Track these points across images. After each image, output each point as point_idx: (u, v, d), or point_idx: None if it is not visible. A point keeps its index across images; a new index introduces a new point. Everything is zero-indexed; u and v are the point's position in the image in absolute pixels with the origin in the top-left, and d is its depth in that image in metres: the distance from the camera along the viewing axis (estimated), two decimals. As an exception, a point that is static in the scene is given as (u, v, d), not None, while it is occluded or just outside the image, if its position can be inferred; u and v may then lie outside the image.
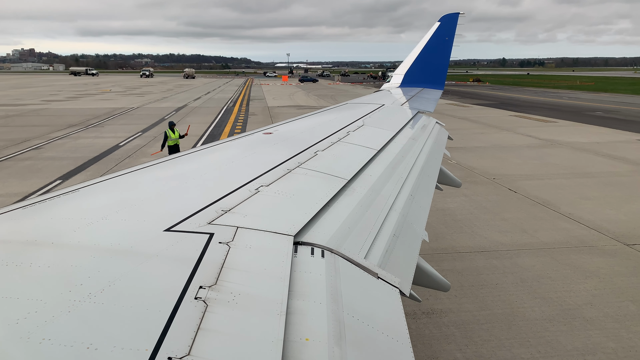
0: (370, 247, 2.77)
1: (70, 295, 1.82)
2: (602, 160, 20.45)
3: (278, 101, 53.66)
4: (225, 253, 2.23)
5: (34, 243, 2.31)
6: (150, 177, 3.70)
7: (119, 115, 38.79)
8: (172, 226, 2.50)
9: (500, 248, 10.95)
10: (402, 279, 2.54)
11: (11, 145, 24.07)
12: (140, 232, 2.46)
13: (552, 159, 20.79)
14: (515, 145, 24.40)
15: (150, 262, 2.11)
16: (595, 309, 8.24)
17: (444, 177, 6.51)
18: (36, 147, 23.51)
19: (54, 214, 2.78)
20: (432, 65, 14.30)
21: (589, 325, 7.74)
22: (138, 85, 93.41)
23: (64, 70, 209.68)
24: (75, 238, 2.36)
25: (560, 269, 9.80)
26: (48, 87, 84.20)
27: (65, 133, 28.41)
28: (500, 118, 36.80)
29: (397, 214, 3.44)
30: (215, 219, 2.64)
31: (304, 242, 2.53)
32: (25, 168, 18.94)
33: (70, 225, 2.53)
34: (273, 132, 5.74)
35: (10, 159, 20.65)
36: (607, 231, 11.94)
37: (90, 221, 2.57)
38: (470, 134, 28.32)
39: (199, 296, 1.84)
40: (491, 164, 19.93)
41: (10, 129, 30.25)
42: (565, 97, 61.96)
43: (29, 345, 1.53)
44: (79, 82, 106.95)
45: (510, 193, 15.52)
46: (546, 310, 8.21)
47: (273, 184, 3.39)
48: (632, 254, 10.52)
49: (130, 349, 1.52)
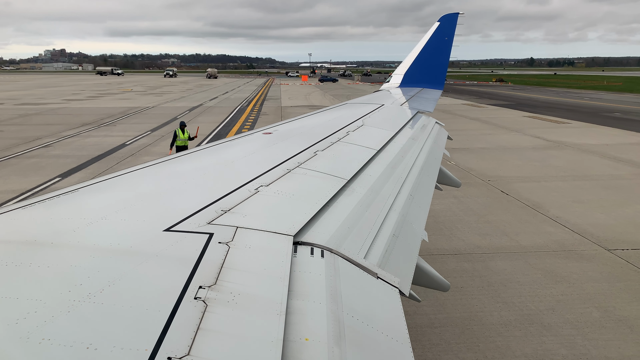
0: (370, 247, 2.78)
1: (70, 295, 1.81)
2: (606, 163, 20.03)
3: (293, 101, 53.78)
4: (224, 253, 2.23)
5: (33, 243, 2.31)
6: (149, 177, 3.71)
7: (133, 114, 39.17)
8: (171, 226, 2.51)
9: (475, 251, 10.80)
10: (401, 278, 2.54)
11: (22, 143, 24.49)
12: (140, 232, 2.47)
13: (554, 161, 20.45)
14: (520, 146, 24.05)
15: (150, 262, 2.11)
16: (556, 314, 8.07)
17: (444, 177, 6.52)
18: (45, 145, 23.89)
19: (54, 214, 2.78)
20: (432, 65, 14.24)
21: (545, 331, 7.59)
22: (160, 85, 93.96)
23: (92, 70, 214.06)
24: (75, 238, 2.36)
25: (531, 274, 9.62)
26: (72, 87, 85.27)
27: (78, 132, 28.79)
28: (512, 119, 36.26)
29: (396, 213, 3.45)
30: (215, 218, 2.64)
31: (304, 242, 2.54)
32: (29, 166, 19.22)
33: (69, 225, 2.53)
34: (273, 132, 5.75)
35: (18, 157, 20.99)
36: (591, 235, 11.67)
37: (90, 221, 2.57)
38: (478, 134, 28.08)
39: (199, 296, 1.84)
40: (490, 165, 19.68)
41: (26, 127, 30.82)
42: (587, 97, 60.73)
43: (29, 345, 1.53)
44: (103, 82, 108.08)
45: (502, 195, 15.30)
46: (505, 314, 8.08)
47: (273, 184, 3.39)
48: (610, 260, 10.26)
49: (130, 349, 1.52)
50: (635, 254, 10.51)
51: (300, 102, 52.79)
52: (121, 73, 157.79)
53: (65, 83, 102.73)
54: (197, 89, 77.97)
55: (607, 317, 7.95)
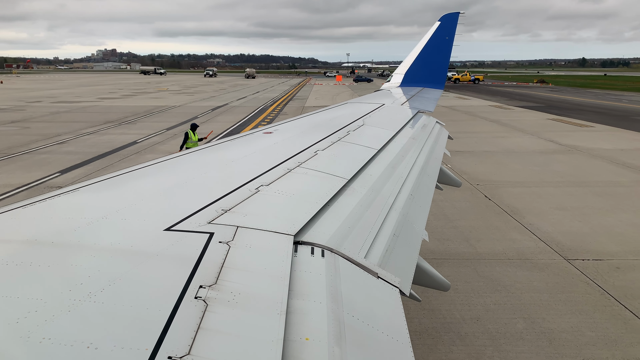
0: (371, 247, 2.79)
1: (71, 294, 1.82)
2: (611, 169, 19.14)
3: (318, 101, 53.71)
4: (225, 252, 2.23)
5: (34, 242, 2.31)
6: (150, 176, 3.72)
7: (157, 112, 39.65)
8: (172, 225, 2.51)
9: (427, 256, 10.59)
10: (402, 278, 2.55)
11: (41, 140, 25.22)
12: (140, 232, 2.47)
13: (556, 166, 19.70)
14: (528, 150, 23.19)
15: (151, 261, 2.12)
16: (479, 324, 7.85)
17: (444, 176, 6.52)
18: (61, 142, 24.49)
19: (55, 213, 2.78)
20: (433, 65, 14.22)
21: (459, 340, 7.40)
22: (196, 84, 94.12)
23: (138, 70, 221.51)
24: (75, 237, 2.36)
25: (473, 281, 9.37)
26: (112, 85, 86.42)
27: (98, 129, 29.38)
28: (533, 121, 34.69)
29: (397, 213, 3.45)
30: (216, 218, 2.65)
31: (304, 241, 2.54)
32: (38, 161, 19.74)
33: (70, 224, 2.53)
34: (273, 131, 5.78)
35: (31, 153, 21.58)
36: (556, 244, 11.22)
37: (90, 220, 2.58)
38: (490, 137, 27.20)
39: (199, 295, 1.84)
40: (487, 169, 19.20)
41: (50, 125, 31.62)
42: (625, 100, 57.89)
43: (29, 344, 1.53)
44: (143, 81, 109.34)
45: (483, 200, 14.86)
46: (424, 323, 7.90)
47: (273, 183, 3.40)
48: (564, 270, 9.86)
49: (131, 348, 1.52)
50: (594, 265, 10.08)
51: (325, 102, 52.75)
52: (163, 72, 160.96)
53: (107, 82, 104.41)
54: (230, 89, 77.93)
55: (530, 329, 7.68)
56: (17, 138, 26.22)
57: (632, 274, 9.71)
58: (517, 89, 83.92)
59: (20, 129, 29.92)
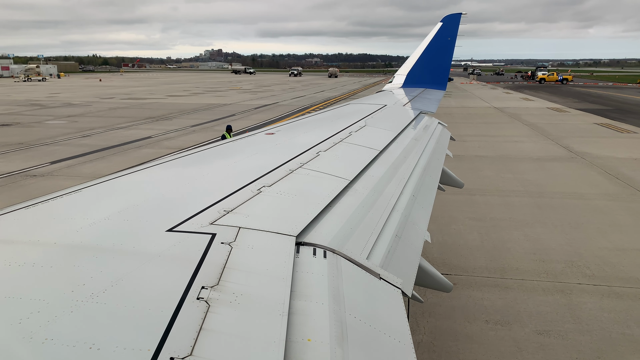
0: (373, 248, 2.78)
1: (73, 295, 1.82)
2: (611, 181, 16.96)
3: (370, 101, 52.60)
4: (227, 253, 2.24)
5: (36, 243, 2.32)
6: (152, 177, 3.73)
7: (202, 110, 40.09)
8: (174, 226, 2.52)
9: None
10: (404, 279, 2.55)
11: (73, 132, 26.48)
12: (143, 232, 2.47)
13: (550, 175, 17.87)
14: (525, 156, 21.28)
15: (153, 262, 2.13)
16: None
17: (447, 177, 6.57)
18: (86, 136, 25.33)
19: (57, 214, 2.79)
20: (435, 66, 14.09)
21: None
22: (275, 83, 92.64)
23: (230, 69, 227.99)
24: (78, 238, 2.37)
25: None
26: (193, 84, 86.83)
27: (132, 124, 30.12)
28: (572, 126, 31.40)
29: (399, 214, 3.45)
30: (218, 219, 2.65)
31: (306, 242, 2.54)
32: (47, 152, 20.81)
33: (72, 225, 2.54)
34: (275, 132, 5.78)
35: (51, 145, 22.67)
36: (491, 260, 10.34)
37: (93, 221, 2.59)
38: (501, 142, 25.12)
39: (201, 296, 1.85)
40: (459, 175, 17.82)
41: (96, 119, 32.71)
42: None
43: (32, 345, 1.54)
44: (225, 80, 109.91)
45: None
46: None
47: (275, 184, 3.40)
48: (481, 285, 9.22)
49: (133, 349, 1.53)
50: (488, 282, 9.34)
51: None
52: (253, 72, 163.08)
53: (193, 80, 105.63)
54: (299, 88, 76.36)
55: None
56: (58, 130, 27.87)
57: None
58: (605, 89, 75.48)
59: (68, 123, 31.11)
